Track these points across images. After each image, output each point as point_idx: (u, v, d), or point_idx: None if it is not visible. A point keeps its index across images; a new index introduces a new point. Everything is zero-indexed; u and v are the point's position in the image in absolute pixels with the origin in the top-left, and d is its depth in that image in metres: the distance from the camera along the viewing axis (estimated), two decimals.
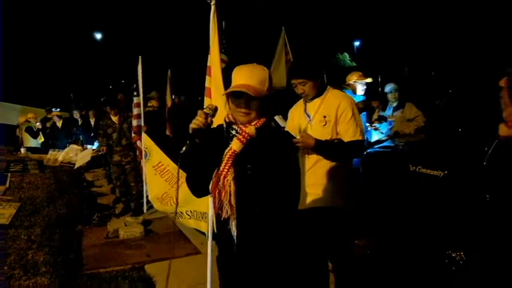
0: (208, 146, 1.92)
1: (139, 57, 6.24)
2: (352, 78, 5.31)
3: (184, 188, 3.52)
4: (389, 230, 3.81)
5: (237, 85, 1.90)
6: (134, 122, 6.19)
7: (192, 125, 1.89)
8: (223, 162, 1.90)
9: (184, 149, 1.92)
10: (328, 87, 3.02)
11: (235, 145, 1.89)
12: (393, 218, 3.80)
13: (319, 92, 2.97)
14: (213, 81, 3.23)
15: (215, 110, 1.95)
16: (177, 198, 2.35)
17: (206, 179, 1.97)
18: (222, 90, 3.10)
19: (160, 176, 4.39)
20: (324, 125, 2.90)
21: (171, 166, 4.34)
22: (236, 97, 1.91)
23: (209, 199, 3.21)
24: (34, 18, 30.88)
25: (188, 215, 3.67)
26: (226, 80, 3.08)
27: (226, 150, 1.91)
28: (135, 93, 6.32)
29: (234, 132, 1.94)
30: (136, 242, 5.02)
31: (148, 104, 7.15)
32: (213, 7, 3.28)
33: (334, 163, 2.91)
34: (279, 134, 2.02)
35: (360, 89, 5.31)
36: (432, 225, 3.35)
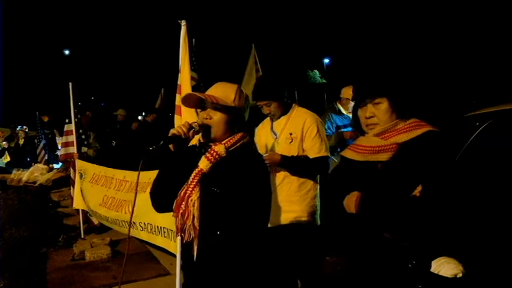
0: (181, 160, 1.87)
1: (70, 83, 6.06)
2: (351, 92, 4.62)
3: (139, 198, 3.46)
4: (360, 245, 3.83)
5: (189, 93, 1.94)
6: (62, 151, 6.03)
7: (173, 131, 1.84)
8: (189, 180, 1.83)
9: (154, 148, 1.88)
10: (294, 105, 3.07)
11: (202, 164, 1.83)
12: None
13: (284, 111, 3.01)
14: None
15: (203, 127, 1.90)
16: (133, 208, 2.27)
17: (171, 194, 1.88)
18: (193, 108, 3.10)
19: (96, 185, 4.57)
20: (290, 142, 2.93)
21: (103, 171, 4.57)
22: (202, 109, 1.92)
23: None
24: None
25: (141, 226, 3.58)
26: None
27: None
28: (66, 121, 6.09)
29: (203, 150, 1.89)
30: (103, 263, 4.86)
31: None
32: (183, 28, 3.31)
33: (301, 179, 2.94)
34: (252, 154, 1.94)
35: (351, 107, 4.69)
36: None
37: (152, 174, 3.29)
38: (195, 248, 1.84)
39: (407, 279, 1.61)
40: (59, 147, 9.72)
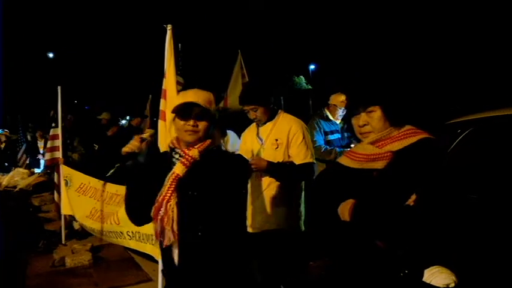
0: (147, 172, 1.89)
1: (59, 87, 5.96)
2: (339, 99, 4.32)
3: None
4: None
5: (187, 101, 1.89)
6: (47, 155, 5.96)
7: (125, 149, 1.87)
8: (166, 186, 1.85)
9: (112, 171, 1.90)
10: (280, 111, 3.08)
11: (178, 169, 1.85)
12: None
13: (270, 116, 3.02)
14: (169, 104, 3.20)
15: (153, 136, 1.95)
16: (101, 214, 2.28)
17: (145, 207, 1.90)
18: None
19: (84, 195, 4.49)
20: (276, 148, 2.93)
21: (93, 182, 4.44)
22: (184, 116, 1.89)
23: None
24: None
25: (129, 235, 3.54)
26: None
27: (169, 175, 1.86)
28: (53, 125, 5.99)
29: (177, 156, 1.90)
30: (84, 270, 4.77)
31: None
32: (169, 32, 3.28)
33: (286, 185, 2.94)
34: (223, 156, 1.99)
35: (339, 114, 4.44)
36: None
37: None
38: (175, 251, 1.87)
39: None
40: (41, 151, 9.58)
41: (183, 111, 1.89)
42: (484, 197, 2.53)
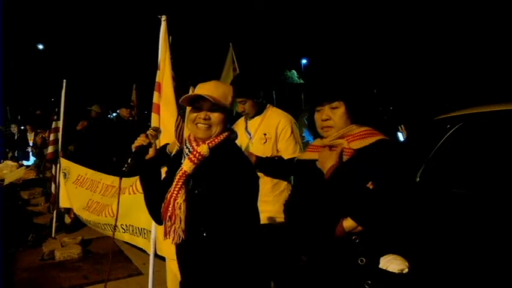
0: (158, 168, 1.92)
1: (64, 81, 5.88)
2: None
3: (120, 201, 3.40)
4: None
5: (196, 94, 1.82)
6: (50, 148, 5.97)
7: (134, 145, 1.91)
8: (174, 183, 1.80)
9: (126, 166, 1.86)
10: (268, 105, 3.07)
11: (186, 165, 1.79)
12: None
13: (259, 110, 3.01)
14: (164, 97, 3.13)
15: (158, 131, 1.94)
16: (117, 212, 2.27)
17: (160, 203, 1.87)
18: (174, 106, 3.03)
19: (81, 187, 4.46)
20: (264, 143, 2.93)
21: (90, 173, 4.46)
22: (196, 109, 1.84)
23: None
24: None
25: (123, 228, 3.54)
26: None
27: (178, 171, 1.81)
28: (55, 117, 5.99)
29: (187, 151, 1.84)
30: (74, 263, 4.76)
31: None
32: (163, 23, 3.21)
33: (275, 180, 2.94)
34: (236, 153, 1.90)
35: None
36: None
37: (134, 180, 3.23)
38: (183, 248, 1.85)
39: (358, 275, 1.72)
40: (30, 144, 9.48)
41: (194, 103, 1.84)
42: (474, 192, 2.56)
